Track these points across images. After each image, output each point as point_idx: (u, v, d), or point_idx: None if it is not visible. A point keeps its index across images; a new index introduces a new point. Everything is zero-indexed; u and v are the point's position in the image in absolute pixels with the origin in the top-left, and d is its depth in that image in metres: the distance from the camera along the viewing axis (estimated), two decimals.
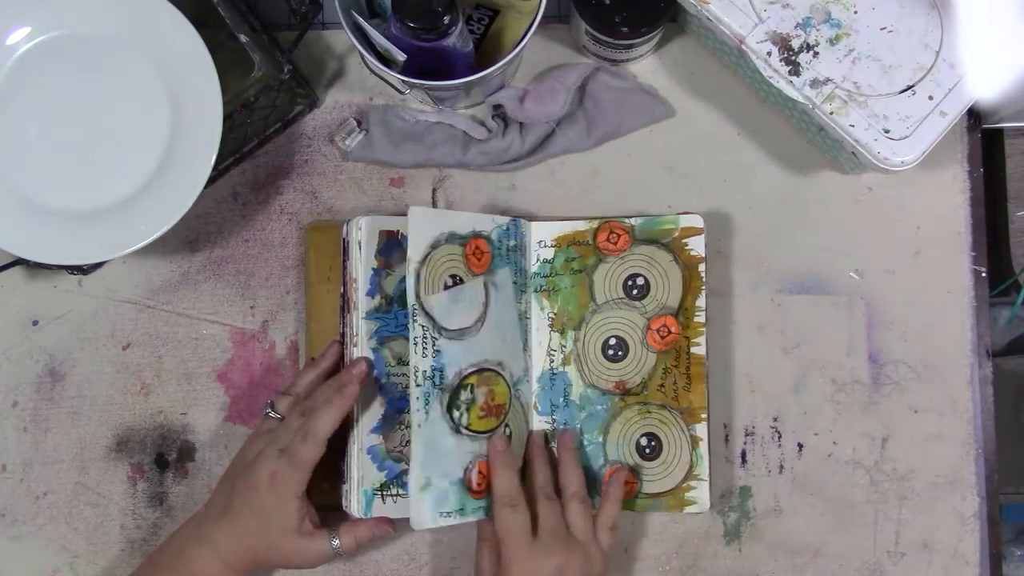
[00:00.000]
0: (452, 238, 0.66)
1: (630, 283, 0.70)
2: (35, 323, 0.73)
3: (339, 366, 0.67)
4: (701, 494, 0.69)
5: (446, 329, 0.64)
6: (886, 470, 0.72)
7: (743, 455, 0.72)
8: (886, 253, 0.73)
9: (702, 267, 0.70)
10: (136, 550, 0.71)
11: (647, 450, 0.69)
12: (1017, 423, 1.03)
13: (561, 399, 0.70)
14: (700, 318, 0.70)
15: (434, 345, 0.64)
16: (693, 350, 0.69)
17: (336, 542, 0.62)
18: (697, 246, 0.70)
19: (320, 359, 0.68)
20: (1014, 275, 0.85)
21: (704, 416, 0.69)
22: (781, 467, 0.72)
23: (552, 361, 0.71)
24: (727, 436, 0.72)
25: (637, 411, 0.70)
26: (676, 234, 0.70)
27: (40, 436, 0.72)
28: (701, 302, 0.70)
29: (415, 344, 0.63)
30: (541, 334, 0.71)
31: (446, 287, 0.65)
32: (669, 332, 0.69)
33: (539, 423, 0.70)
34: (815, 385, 0.72)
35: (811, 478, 0.72)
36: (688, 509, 0.69)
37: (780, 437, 0.72)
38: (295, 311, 0.73)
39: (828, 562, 0.71)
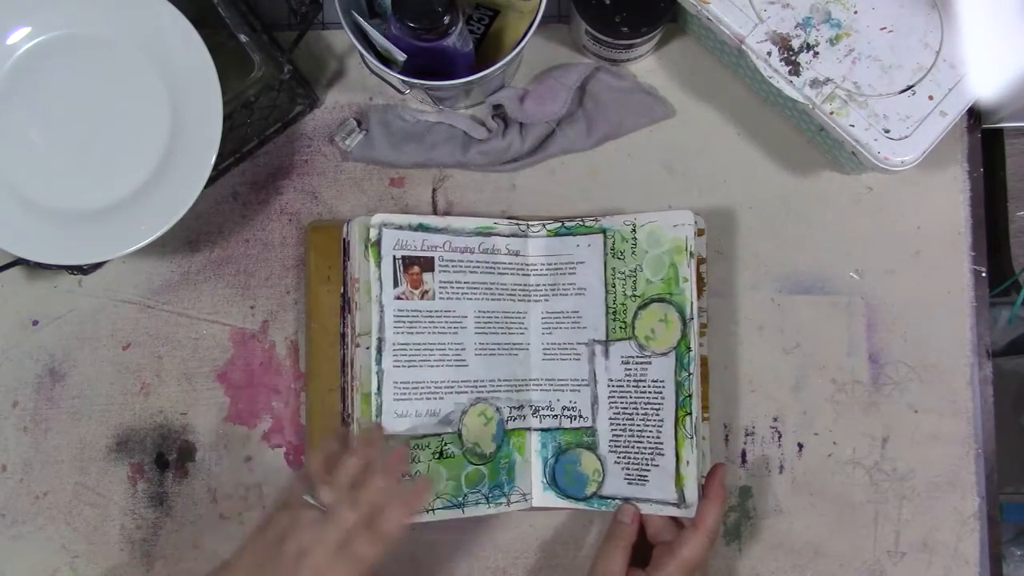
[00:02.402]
0: None
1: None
2: (35, 323, 0.73)
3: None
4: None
5: None
6: (886, 470, 0.72)
7: (743, 455, 0.72)
8: (886, 253, 0.73)
9: (703, 267, 0.70)
10: (136, 550, 0.71)
11: None
12: (1017, 423, 1.03)
13: None
14: (702, 318, 0.69)
15: None
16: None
17: None
18: (698, 246, 0.70)
19: (362, 446, 0.61)
20: (1014, 275, 0.85)
21: (706, 416, 0.69)
22: (781, 467, 0.72)
23: None
24: (727, 436, 0.72)
25: None
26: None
27: (40, 436, 0.72)
28: (703, 302, 0.69)
29: None
30: None
31: None
32: None
33: None
34: (815, 385, 0.72)
35: (811, 478, 0.72)
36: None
37: (780, 437, 0.72)
38: (295, 311, 0.73)
39: (828, 562, 0.71)
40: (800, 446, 0.72)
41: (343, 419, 0.68)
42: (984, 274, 0.73)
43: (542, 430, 0.70)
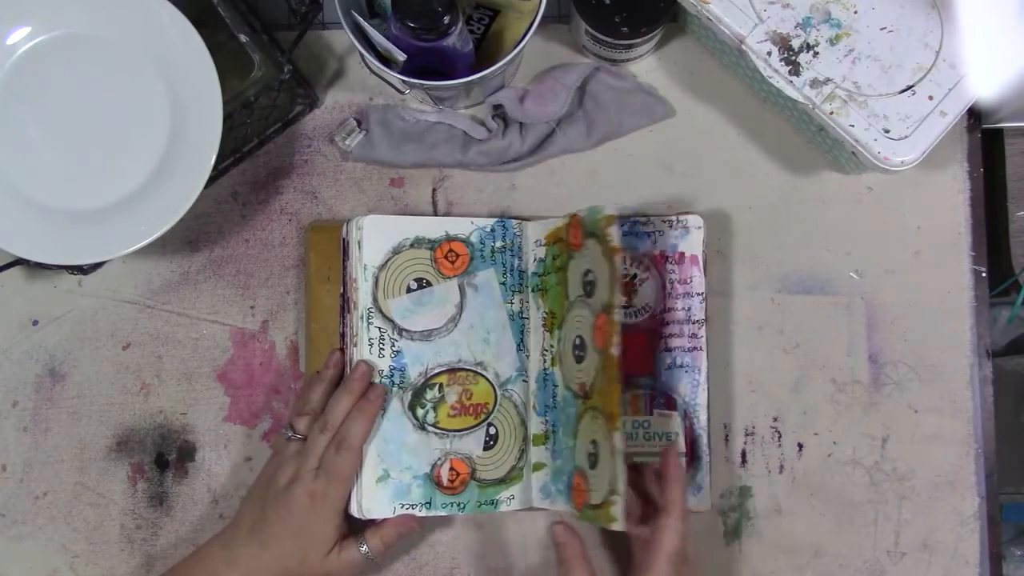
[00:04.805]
0: (419, 242, 0.68)
1: (585, 279, 0.66)
2: (35, 323, 0.73)
3: (343, 375, 0.67)
4: (618, 511, 0.59)
5: (407, 331, 0.67)
6: (886, 470, 0.72)
7: (743, 455, 0.72)
8: (886, 253, 0.73)
9: (618, 259, 0.62)
10: (136, 550, 0.71)
11: (592, 458, 0.63)
12: (1017, 423, 1.03)
13: (551, 400, 0.69)
14: (617, 316, 0.62)
15: (393, 346, 0.66)
16: (610, 350, 0.61)
17: (364, 547, 0.64)
18: (619, 236, 0.63)
19: (324, 371, 0.68)
20: (1014, 275, 0.84)
21: (618, 426, 0.60)
22: (781, 467, 0.72)
23: (545, 361, 0.70)
24: (727, 436, 0.72)
25: (591, 416, 0.64)
26: (602, 224, 0.63)
27: (40, 436, 0.72)
28: (618, 298, 0.62)
29: (370, 345, 0.66)
30: (538, 334, 0.71)
31: (409, 290, 0.67)
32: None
33: (538, 424, 0.70)
34: (815, 385, 0.72)
35: (811, 478, 0.72)
36: (612, 526, 0.59)
37: (780, 437, 0.72)
38: (295, 311, 0.73)
39: (828, 562, 0.71)
40: (800, 446, 0.72)
41: None
42: (984, 274, 0.73)
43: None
